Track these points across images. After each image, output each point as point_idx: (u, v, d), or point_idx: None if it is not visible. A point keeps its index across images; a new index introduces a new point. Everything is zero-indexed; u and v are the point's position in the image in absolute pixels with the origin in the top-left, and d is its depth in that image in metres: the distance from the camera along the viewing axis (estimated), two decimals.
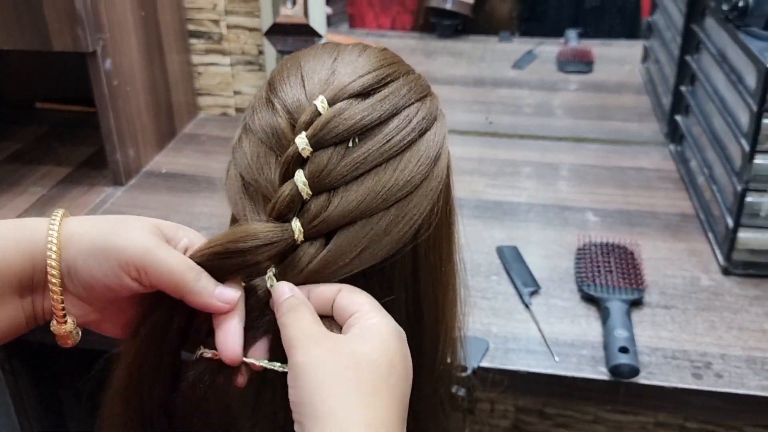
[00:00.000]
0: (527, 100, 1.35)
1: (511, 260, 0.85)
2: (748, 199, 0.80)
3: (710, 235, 0.90)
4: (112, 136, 1.02)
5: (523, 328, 0.75)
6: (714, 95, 0.92)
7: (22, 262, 0.41)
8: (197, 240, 0.44)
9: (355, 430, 0.34)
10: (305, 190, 0.40)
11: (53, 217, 0.42)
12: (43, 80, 1.33)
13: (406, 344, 0.40)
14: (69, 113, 1.30)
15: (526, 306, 0.78)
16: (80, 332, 0.44)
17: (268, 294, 0.42)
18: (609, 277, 0.79)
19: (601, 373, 0.69)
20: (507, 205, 0.99)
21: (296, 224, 0.40)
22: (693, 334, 0.74)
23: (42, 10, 0.89)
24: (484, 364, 0.70)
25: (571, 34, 1.53)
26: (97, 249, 0.40)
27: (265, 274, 0.42)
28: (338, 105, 0.41)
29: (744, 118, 0.80)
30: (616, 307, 0.75)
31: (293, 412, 0.36)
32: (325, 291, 0.41)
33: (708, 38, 0.98)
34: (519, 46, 1.53)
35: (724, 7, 0.85)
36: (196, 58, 1.27)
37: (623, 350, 0.68)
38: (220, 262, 0.41)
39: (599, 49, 1.49)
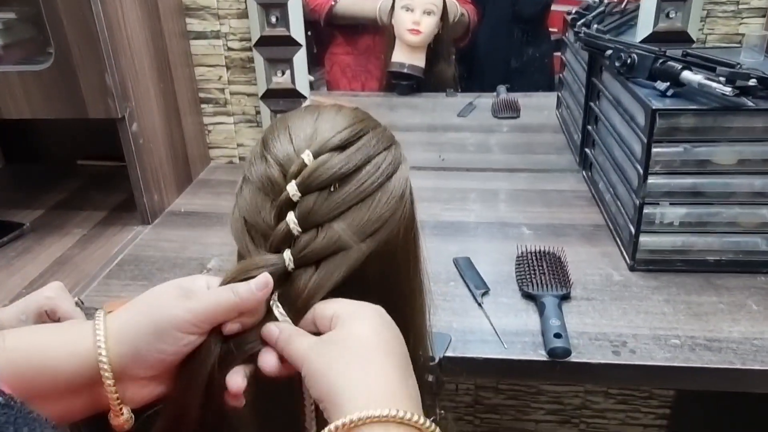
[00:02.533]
0: (470, 141, 1.36)
1: (465, 268, 0.85)
2: (645, 210, 0.81)
3: (618, 240, 0.91)
4: (139, 184, 1.00)
5: (477, 323, 0.75)
6: (613, 131, 0.94)
7: (74, 365, 0.37)
8: (207, 278, 0.42)
9: (361, 399, 0.33)
10: (296, 228, 0.40)
11: (97, 319, 0.39)
12: (82, 141, 1.30)
13: (385, 314, 0.39)
14: (104, 167, 1.27)
15: (479, 305, 0.78)
16: (133, 418, 0.40)
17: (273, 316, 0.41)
18: (543, 278, 0.79)
19: (541, 355, 0.68)
20: (459, 224, 0.99)
21: (287, 254, 0.40)
22: (610, 319, 0.74)
23: (79, 85, 0.88)
24: (449, 353, 0.69)
25: (502, 88, 1.54)
26: (156, 328, 0.38)
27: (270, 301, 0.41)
28: (321, 157, 0.41)
29: (637, 148, 0.82)
30: (549, 301, 0.75)
31: (320, 407, 0.35)
32: (307, 319, 0.40)
33: (605, 88, 1.00)
34: (461, 99, 1.54)
35: (617, 64, 0.87)
36: (206, 119, 1.26)
37: (557, 336, 0.68)
38: None
39: (523, 99, 1.50)
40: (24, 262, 0.92)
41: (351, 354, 0.35)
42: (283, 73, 1.17)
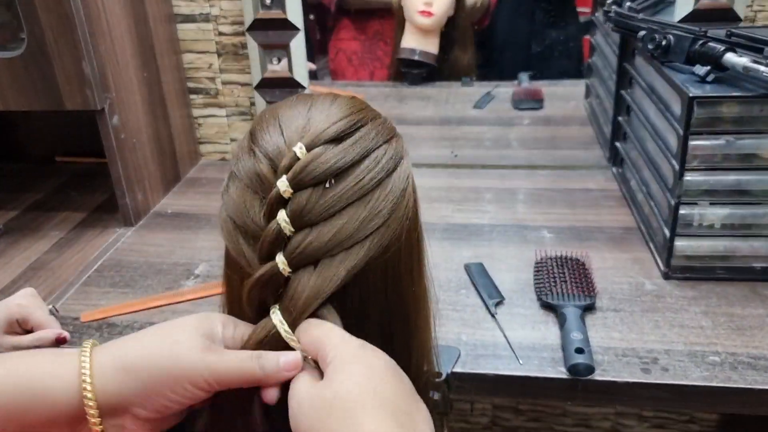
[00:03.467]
0: (487, 135, 1.35)
1: (478, 275, 0.84)
2: (681, 211, 0.79)
3: (651, 244, 0.89)
4: (121, 183, 1.00)
5: (490, 335, 0.73)
6: (646, 123, 0.92)
7: (68, 398, 0.38)
8: (226, 322, 0.42)
9: None
10: (287, 228, 0.39)
11: (83, 352, 0.39)
12: (61, 137, 1.31)
13: (369, 353, 0.38)
14: (84, 165, 1.28)
15: (492, 315, 0.76)
16: None
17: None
18: (564, 286, 0.78)
19: (561, 372, 0.67)
20: (472, 226, 0.98)
21: (280, 258, 0.39)
22: (640, 333, 0.72)
23: (54, 74, 0.88)
24: (457, 369, 0.68)
25: (523, 76, 1.53)
26: (170, 377, 0.38)
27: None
28: (315, 150, 0.40)
29: (672, 141, 0.80)
30: (571, 312, 0.73)
31: None
32: (303, 342, 0.40)
33: (638, 74, 0.98)
34: (478, 89, 1.53)
35: (650, 47, 0.85)
36: (196, 111, 1.26)
37: (579, 351, 0.67)
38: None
39: (548, 88, 1.49)
40: None
41: (337, 418, 0.35)
42: (280, 61, 1.16)
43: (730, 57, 0.75)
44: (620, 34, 1.03)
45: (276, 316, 0.40)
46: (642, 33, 0.88)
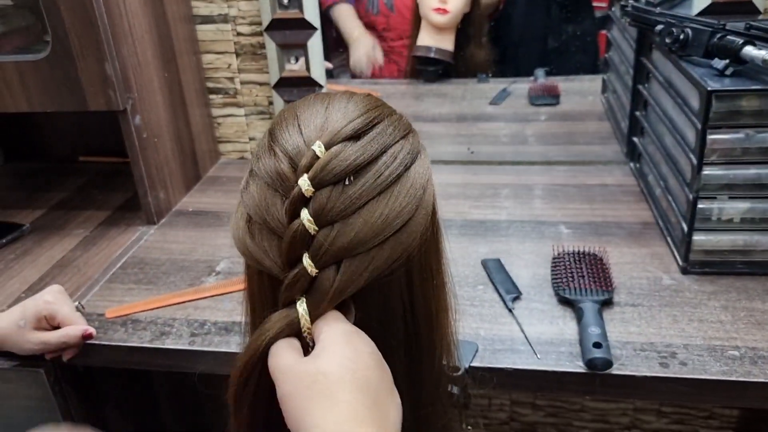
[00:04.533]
0: (503, 131, 1.35)
1: (495, 271, 0.84)
2: (700, 205, 0.79)
3: (669, 239, 0.89)
4: (143, 182, 1.02)
5: (507, 330, 0.74)
6: (664, 117, 0.91)
7: None
8: None
9: None
10: (311, 226, 0.40)
11: None
12: (84, 136, 1.33)
13: (357, 339, 0.40)
14: (107, 164, 1.30)
15: (510, 311, 0.77)
16: None
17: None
18: (582, 281, 0.78)
19: (578, 367, 0.67)
20: (489, 222, 0.98)
21: (306, 260, 0.40)
22: (658, 327, 0.72)
23: (78, 75, 0.90)
24: (475, 364, 0.69)
25: (540, 72, 1.53)
26: None
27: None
28: (334, 148, 0.41)
29: (690, 136, 0.80)
30: (588, 307, 0.73)
31: None
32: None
33: (656, 68, 0.97)
34: (494, 85, 1.53)
35: (668, 40, 0.85)
36: (215, 111, 1.28)
37: (597, 345, 0.67)
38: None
39: (564, 84, 1.49)
40: (23, 265, 0.95)
41: (317, 392, 0.37)
42: (297, 60, 1.17)
43: (749, 50, 0.74)
44: (637, 28, 1.03)
45: (301, 307, 0.40)
46: (659, 27, 0.88)
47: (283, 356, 0.39)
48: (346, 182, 0.41)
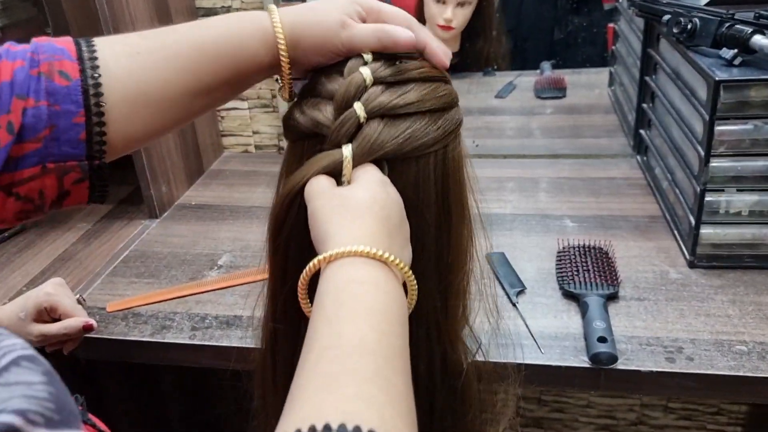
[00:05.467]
0: (509, 125, 1.33)
1: (499, 265, 0.83)
2: (707, 198, 0.77)
3: (676, 233, 0.87)
4: (145, 176, 1.01)
5: (512, 324, 0.73)
6: (671, 109, 0.90)
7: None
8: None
9: (344, 241, 0.39)
10: (369, 77, 0.45)
11: (274, 19, 0.47)
12: None
13: (391, 188, 0.44)
14: None
15: (514, 305, 0.76)
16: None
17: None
18: (587, 275, 0.77)
19: (583, 362, 0.66)
20: (494, 216, 0.97)
21: (358, 104, 0.44)
22: (664, 322, 0.71)
23: None
24: (479, 358, 0.68)
25: (546, 65, 1.51)
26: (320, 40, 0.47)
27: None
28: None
29: (698, 127, 0.78)
30: (593, 301, 0.72)
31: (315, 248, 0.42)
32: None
33: (663, 59, 0.96)
34: (500, 78, 1.52)
35: (675, 30, 0.83)
36: None
37: (602, 340, 0.66)
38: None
39: (570, 77, 1.47)
40: (25, 258, 0.95)
41: (347, 210, 0.41)
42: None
43: (759, 39, 0.73)
44: (644, 19, 1.01)
45: (347, 149, 0.44)
46: (667, 17, 0.86)
47: (320, 182, 0.43)
48: (398, 62, 0.47)
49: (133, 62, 0.44)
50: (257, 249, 0.93)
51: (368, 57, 0.46)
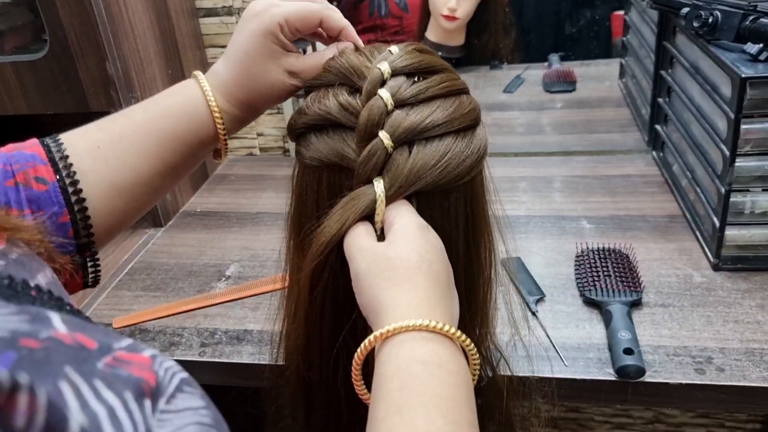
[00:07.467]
0: (518, 121, 1.30)
1: (516, 271, 0.80)
2: (733, 199, 0.74)
3: (698, 233, 0.84)
4: None
5: (532, 334, 0.70)
6: (690, 105, 0.87)
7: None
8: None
9: (399, 311, 0.37)
10: (390, 100, 0.42)
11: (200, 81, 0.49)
12: None
13: (431, 234, 0.42)
14: None
15: (533, 313, 0.73)
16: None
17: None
18: (608, 281, 0.74)
19: (609, 375, 0.63)
20: (507, 219, 0.93)
21: (383, 133, 0.42)
22: (692, 330, 0.68)
23: (78, 75, 0.86)
24: (504, 372, 0.65)
25: (554, 58, 1.48)
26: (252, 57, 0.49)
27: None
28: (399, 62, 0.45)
29: (721, 125, 0.75)
30: (617, 309, 0.69)
31: (363, 315, 0.41)
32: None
33: (680, 53, 0.92)
34: (507, 72, 1.49)
35: (695, 24, 0.80)
36: None
37: (628, 352, 0.63)
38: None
39: (580, 69, 1.44)
40: None
41: (397, 274, 0.39)
42: (305, 53, 1.13)
43: None
44: (659, 11, 0.97)
45: (379, 187, 0.42)
46: (686, 10, 0.82)
47: (361, 236, 0.41)
48: (417, 79, 0.44)
49: (98, 156, 0.45)
50: (264, 258, 0.90)
51: (385, 72, 0.44)
